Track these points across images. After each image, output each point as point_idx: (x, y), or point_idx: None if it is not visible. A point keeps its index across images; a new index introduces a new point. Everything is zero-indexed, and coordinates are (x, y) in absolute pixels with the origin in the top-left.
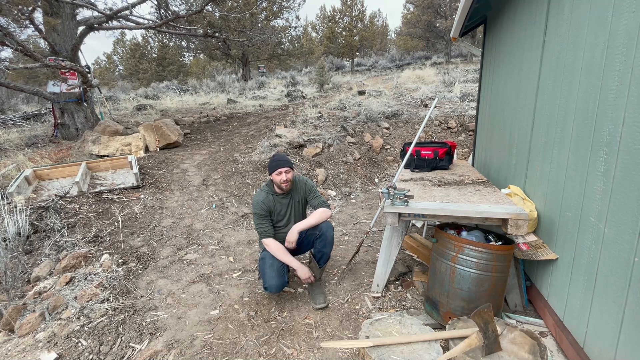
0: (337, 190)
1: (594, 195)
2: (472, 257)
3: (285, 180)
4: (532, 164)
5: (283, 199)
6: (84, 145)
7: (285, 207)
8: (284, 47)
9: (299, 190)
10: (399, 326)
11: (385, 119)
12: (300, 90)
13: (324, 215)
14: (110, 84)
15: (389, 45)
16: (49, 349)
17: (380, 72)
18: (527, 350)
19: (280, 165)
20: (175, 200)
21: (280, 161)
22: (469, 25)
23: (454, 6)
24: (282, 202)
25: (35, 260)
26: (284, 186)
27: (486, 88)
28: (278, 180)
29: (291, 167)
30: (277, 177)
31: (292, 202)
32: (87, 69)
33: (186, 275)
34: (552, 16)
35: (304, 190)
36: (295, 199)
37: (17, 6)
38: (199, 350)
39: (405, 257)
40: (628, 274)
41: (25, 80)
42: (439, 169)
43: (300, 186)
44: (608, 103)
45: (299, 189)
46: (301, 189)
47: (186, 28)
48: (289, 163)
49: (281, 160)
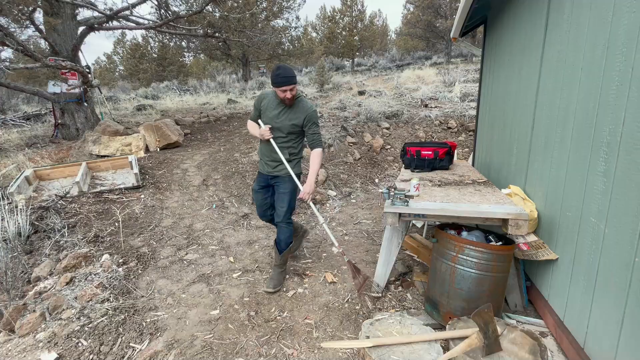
0: (337, 190)
1: (594, 195)
2: (472, 257)
3: (289, 97)
4: (533, 164)
5: (282, 106)
6: (84, 146)
7: (278, 112)
8: (284, 47)
9: (299, 113)
10: (399, 326)
11: (385, 119)
12: (301, 90)
13: (320, 158)
14: (111, 84)
15: (389, 45)
16: (49, 349)
17: (381, 72)
18: (527, 350)
19: (285, 83)
20: (175, 200)
21: (285, 78)
22: (469, 25)
23: (454, 6)
24: (279, 108)
25: (36, 260)
26: (287, 102)
27: (486, 88)
28: (281, 96)
29: (296, 83)
30: (280, 93)
31: (286, 115)
32: (87, 69)
33: (186, 276)
34: (553, 16)
35: (305, 118)
36: (290, 115)
37: (18, 6)
38: (199, 350)
39: (405, 257)
40: (628, 274)
41: (26, 81)
42: (439, 169)
43: (302, 109)
44: (608, 103)
45: (300, 111)
46: (302, 112)
47: (186, 28)
48: (294, 80)
49: (286, 77)
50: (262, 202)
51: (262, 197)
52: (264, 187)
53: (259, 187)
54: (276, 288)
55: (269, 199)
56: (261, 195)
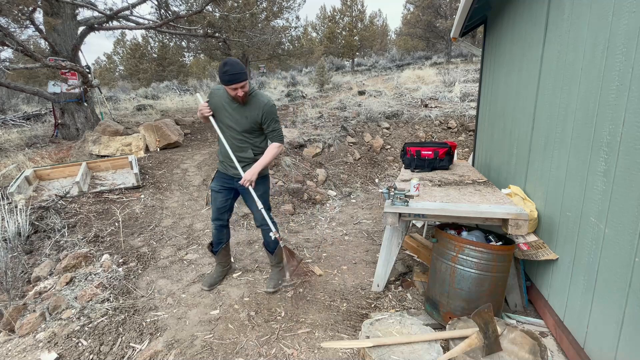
0: (338, 190)
1: (594, 195)
2: (472, 257)
3: (241, 96)
4: (533, 164)
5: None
6: (84, 146)
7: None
8: (284, 47)
9: (255, 109)
10: (399, 326)
11: (385, 119)
12: (301, 90)
13: (275, 152)
14: (111, 84)
15: (389, 45)
16: (49, 349)
17: (381, 72)
18: (527, 350)
19: (233, 81)
20: (175, 200)
21: (233, 75)
22: (469, 25)
23: (454, 6)
24: (233, 105)
25: (36, 260)
26: (239, 99)
27: (486, 88)
28: (232, 94)
29: (247, 79)
30: (231, 91)
31: (240, 112)
32: (87, 69)
33: (186, 275)
34: (553, 16)
35: (262, 115)
36: (245, 113)
37: (18, 6)
38: (199, 350)
39: (405, 257)
40: (628, 274)
41: (26, 81)
42: (439, 169)
43: (257, 105)
44: (608, 103)
45: (256, 107)
46: (258, 108)
47: (186, 28)
48: (243, 76)
49: (234, 74)
50: (223, 204)
51: (223, 199)
52: (226, 188)
53: (220, 187)
54: (276, 288)
55: (230, 202)
56: (222, 196)
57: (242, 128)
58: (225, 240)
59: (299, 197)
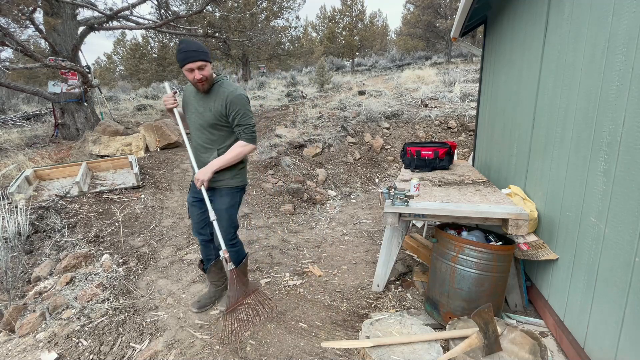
0: (338, 190)
1: (595, 195)
2: (472, 257)
3: (198, 79)
4: (533, 164)
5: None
6: (84, 146)
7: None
8: (284, 47)
9: (219, 99)
10: (399, 326)
11: (385, 119)
12: (301, 90)
13: (239, 151)
14: (111, 84)
15: (389, 45)
16: (49, 349)
17: (381, 72)
18: (527, 350)
19: (188, 59)
20: (175, 200)
21: (187, 53)
22: (469, 25)
23: (454, 6)
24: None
25: (36, 260)
26: (199, 86)
27: (486, 88)
28: (190, 78)
29: (206, 60)
30: (188, 74)
31: (204, 104)
32: (87, 69)
33: (186, 275)
34: (553, 16)
35: (226, 106)
36: (209, 105)
37: (18, 6)
38: (199, 350)
39: (405, 257)
40: (628, 274)
41: (26, 81)
42: (439, 169)
43: (221, 94)
44: (608, 103)
45: (220, 97)
46: (222, 98)
47: (186, 28)
48: (201, 55)
49: (188, 52)
50: (199, 217)
51: (198, 212)
52: (199, 199)
53: (194, 199)
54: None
55: (206, 213)
56: (197, 209)
57: (206, 122)
58: (214, 256)
59: (299, 197)
